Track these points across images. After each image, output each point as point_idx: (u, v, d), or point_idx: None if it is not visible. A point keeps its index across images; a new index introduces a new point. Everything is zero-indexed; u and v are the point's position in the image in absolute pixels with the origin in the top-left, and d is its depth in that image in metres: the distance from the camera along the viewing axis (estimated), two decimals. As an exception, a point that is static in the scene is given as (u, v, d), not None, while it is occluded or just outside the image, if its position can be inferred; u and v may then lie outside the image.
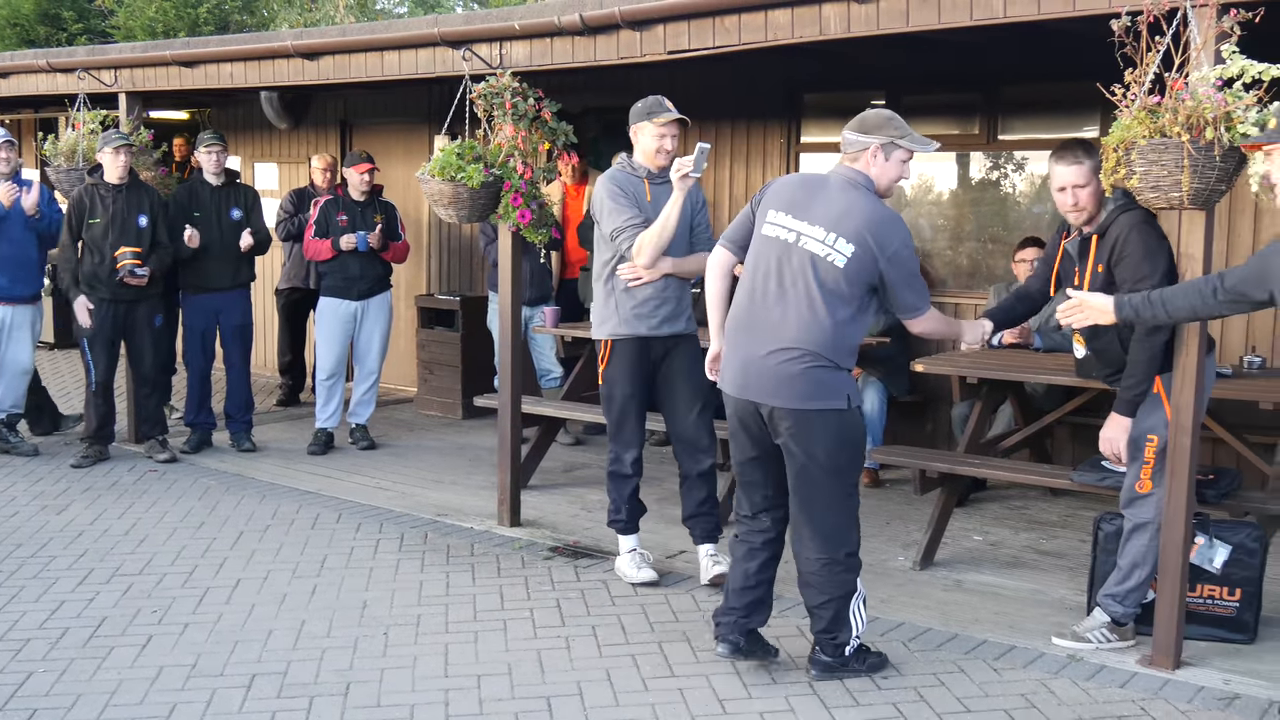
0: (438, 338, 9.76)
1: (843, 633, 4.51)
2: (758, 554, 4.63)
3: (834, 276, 4.30)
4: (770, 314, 4.38)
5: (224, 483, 7.53)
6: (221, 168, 8.30)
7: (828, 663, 4.56)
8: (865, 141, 4.41)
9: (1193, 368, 4.54)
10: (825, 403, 4.33)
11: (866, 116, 4.47)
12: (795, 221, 4.39)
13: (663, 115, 5.45)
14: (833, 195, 4.38)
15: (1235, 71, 4.12)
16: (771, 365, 4.35)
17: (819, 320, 4.31)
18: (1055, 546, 6.40)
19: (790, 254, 4.37)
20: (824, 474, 4.39)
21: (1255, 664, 4.76)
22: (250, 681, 4.56)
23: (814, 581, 4.49)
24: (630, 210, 5.44)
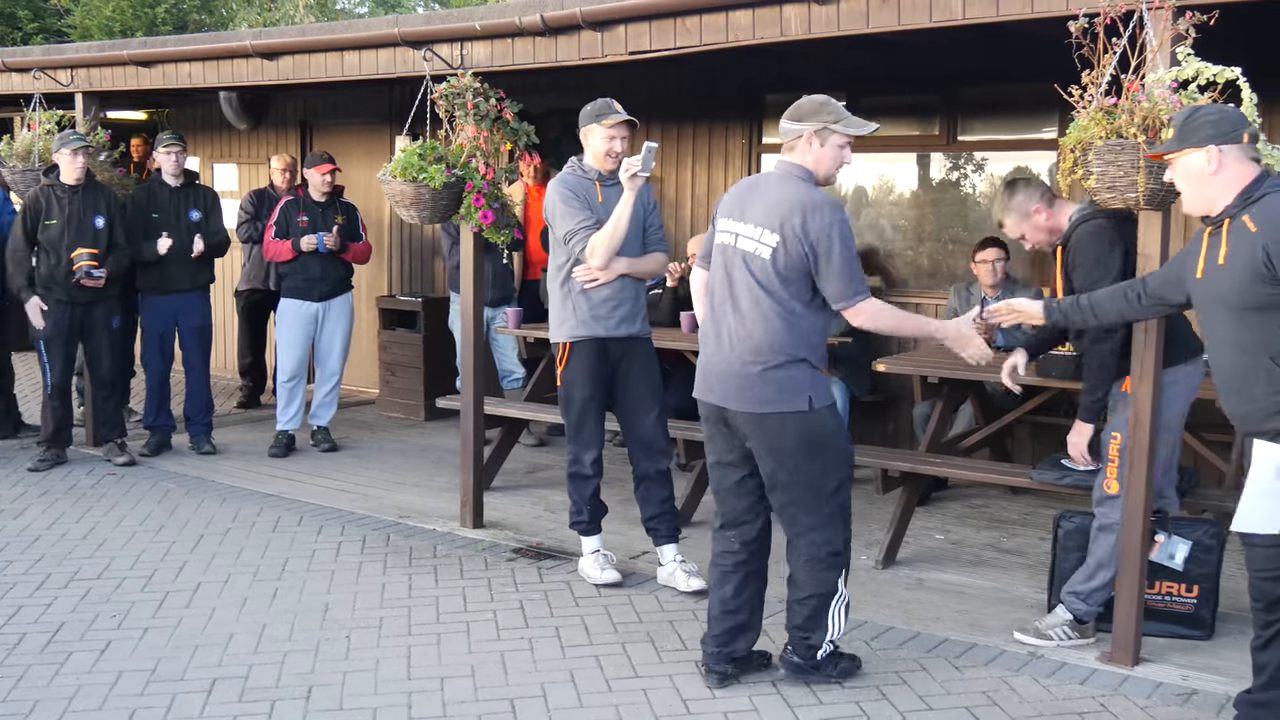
0: (399, 339, 9.73)
1: (817, 633, 4.44)
2: (730, 578, 4.53)
3: (765, 270, 4.23)
4: (726, 319, 4.35)
5: (184, 486, 7.47)
6: (181, 169, 8.24)
7: (798, 664, 4.50)
8: (798, 129, 4.32)
9: (1150, 366, 4.58)
10: (784, 405, 4.25)
11: (800, 104, 4.40)
12: (736, 224, 4.36)
13: (610, 117, 5.45)
14: (766, 191, 4.34)
15: (1190, 73, 4.16)
16: (730, 369, 4.32)
17: (766, 318, 4.24)
18: (1016, 544, 6.44)
19: (733, 257, 4.34)
20: (794, 477, 4.31)
21: (1213, 659, 4.81)
22: (211, 686, 4.52)
23: (798, 578, 4.43)
24: (582, 212, 5.44)
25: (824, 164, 4.35)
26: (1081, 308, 4.38)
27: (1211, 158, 3.72)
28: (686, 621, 5.21)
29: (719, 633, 4.54)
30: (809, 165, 4.34)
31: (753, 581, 4.55)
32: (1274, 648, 3.77)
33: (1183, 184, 3.85)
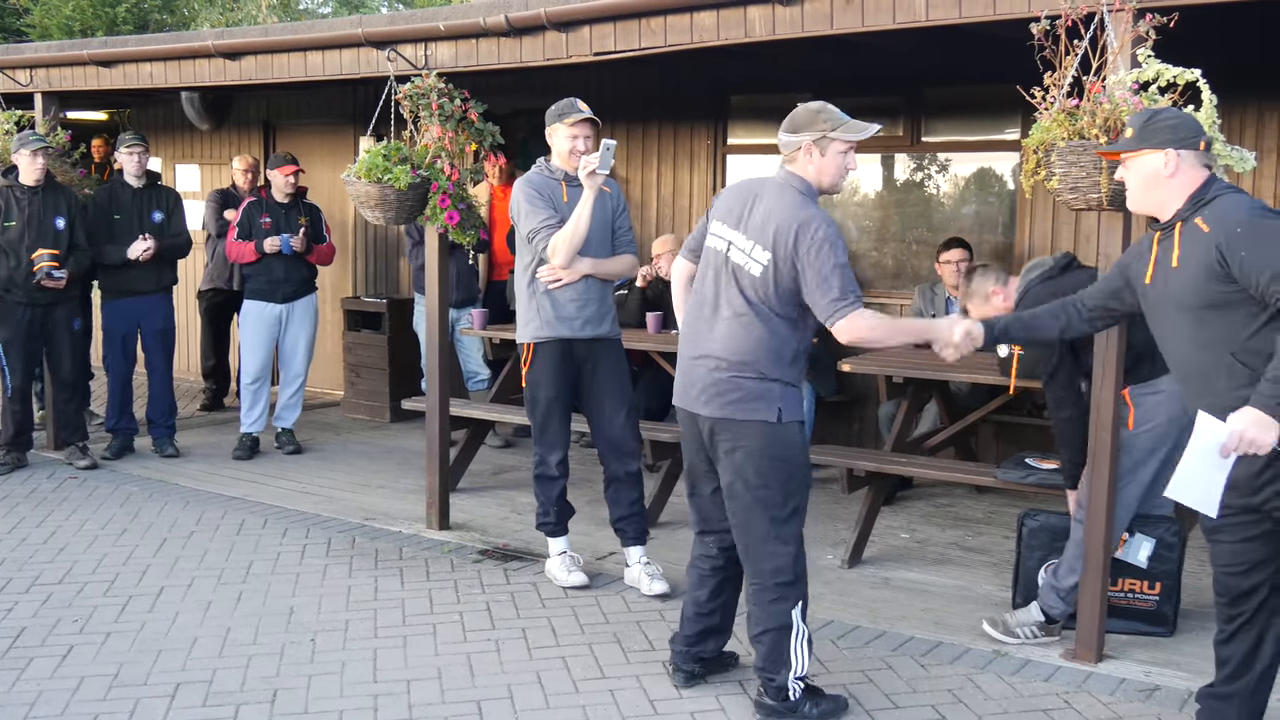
0: (364, 340, 9.69)
1: (781, 672, 4.20)
2: (706, 581, 4.49)
3: (754, 286, 4.12)
4: (705, 323, 4.26)
5: (147, 489, 7.42)
6: (143, 169, 8.18)
7: (772, 707, 4.25)
8: (796, 141, 4.17)
9: (1112, 365, 4.61)
10: (751, 413, 4.13)
11: (796, 114, 4.23)
12: (729, 231, 4.24)
13: (572, 116, 5.43)
14: (764, 202, 4.18)
15: (1151, 75, 4.19)
16: (701, 373, 4.24)
17: (747, 333, 4.13)
18: (980, 543, 6.48)
19: (723, 264, 4.23)
20: (750, 491, 4.17)
21: (1175, 655, 4.86)
22: (175, 691, 4.49)
23: (751, 609, 4.27)
24: (545, 211, 5.43)
25: (827, 174, 4.18)
26: (1025, 324, 4.32)
27: (1169, 160, 3.72)
28: (653, 622, 5.21)
29: (690, 634, 4.52)
30: (810, 177, 4.19)
31: (729, 587, 4.51)
32: (1237, 641, 3.82)
33: (1135, 183, 3.84)
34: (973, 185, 8.07)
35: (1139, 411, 4.80)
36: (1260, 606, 3.75)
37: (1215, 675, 3.93)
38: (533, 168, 5.65)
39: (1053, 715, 4.33)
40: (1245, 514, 3.69)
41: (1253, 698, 3.83)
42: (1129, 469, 4.82)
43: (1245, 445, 3.42)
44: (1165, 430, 4.81)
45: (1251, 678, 3.81)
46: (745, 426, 4.16)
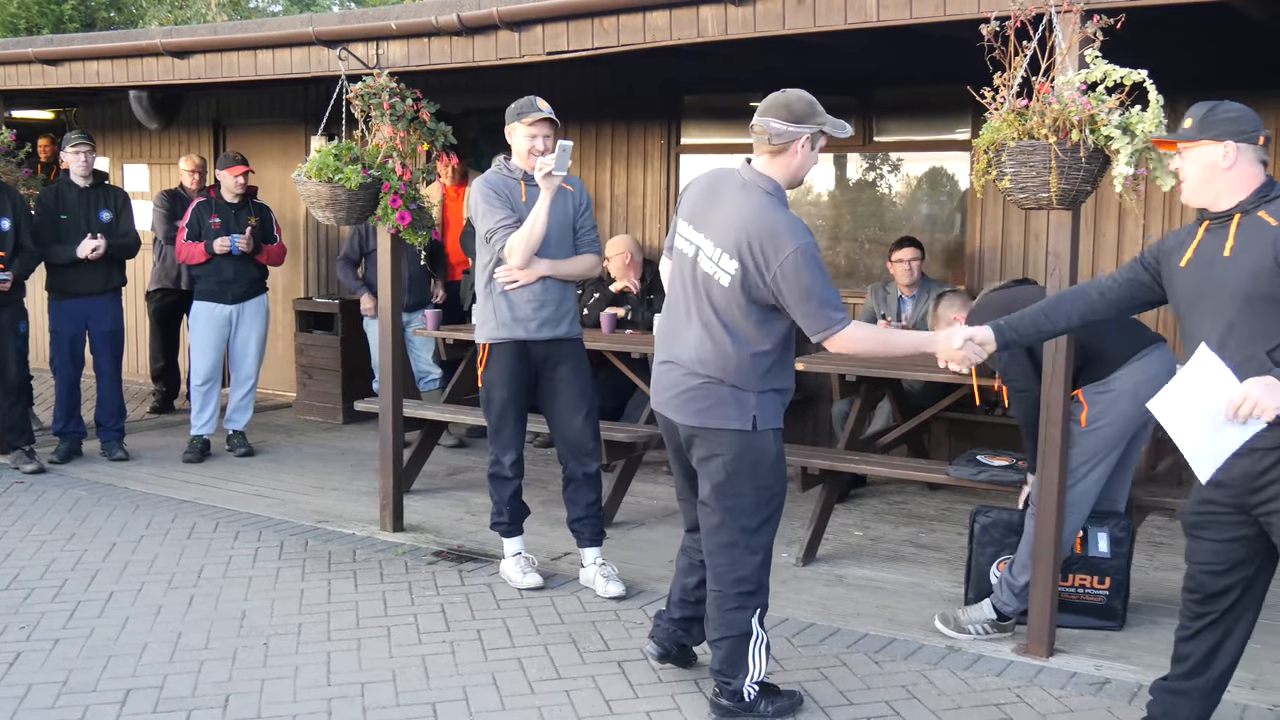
0: (316, 341, 9.62)
1: (738, 677, 4.16)
2: (696, 570, 4.42)
3: (724, 298, 3.97)
4: (678, 328, 4.14)
5: (95, 493, 7.33)
6: (90, 169, 8.08)
7: (728, 707, 4.21)
8: (797, 131, 3.97)
9: (1062, 364, 4.66)
10: (724, 421, 4.04)
11: (791, 102, 4.02)
12: (695, 234, 4.08)
13: (531, 115, 5.40)
14: (725, 203, 4.02)
15: (1098, 76, 4.24)
16: (674, 378, 4.14)
17: (717, 346, 4.01)
18: (933, 540, 6.53)
19: (691, 270, 4.08)
20: (721, 499, 4.09)
21: (1125, 649, 4.91)
22: (125, 697, 4.44)
23: (710, 613, 4.21)
24: (502, 211, 5.41)
25: (805, 169, 4.07)
26: (1035, 317, 4.14)
27: (1228, 152, 3.67)
28: (609, 622, 5.21)
29: (678, 617, 4.54)
30: (783, 174, 4.02)
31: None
32: (1200, 639, 3.82)
33: (1192, 174, 3.76)
34: (924, 185, 8.13)
35: (1091, 410, 4.85)
36: (1230, 608, 3.75)
37: (1171, 669, 3.91)
38: (492, 166, 5.62)
39: (1005, 709, 4.37)
40: (1235, 514, 3.67)
41: (1208, 697, 3.85)
42: (1081, 465, 4.87)
43: (1249, 404, 3.39)
44: (1118, 428, 4.86)
45: (1210, 677, 3.82)
46: (719, 435, 4.06)
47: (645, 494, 7.37)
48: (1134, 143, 4.18)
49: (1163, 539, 6.52)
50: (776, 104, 4.05)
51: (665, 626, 4.59)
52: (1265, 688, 4.54)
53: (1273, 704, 4.39)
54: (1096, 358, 4.85)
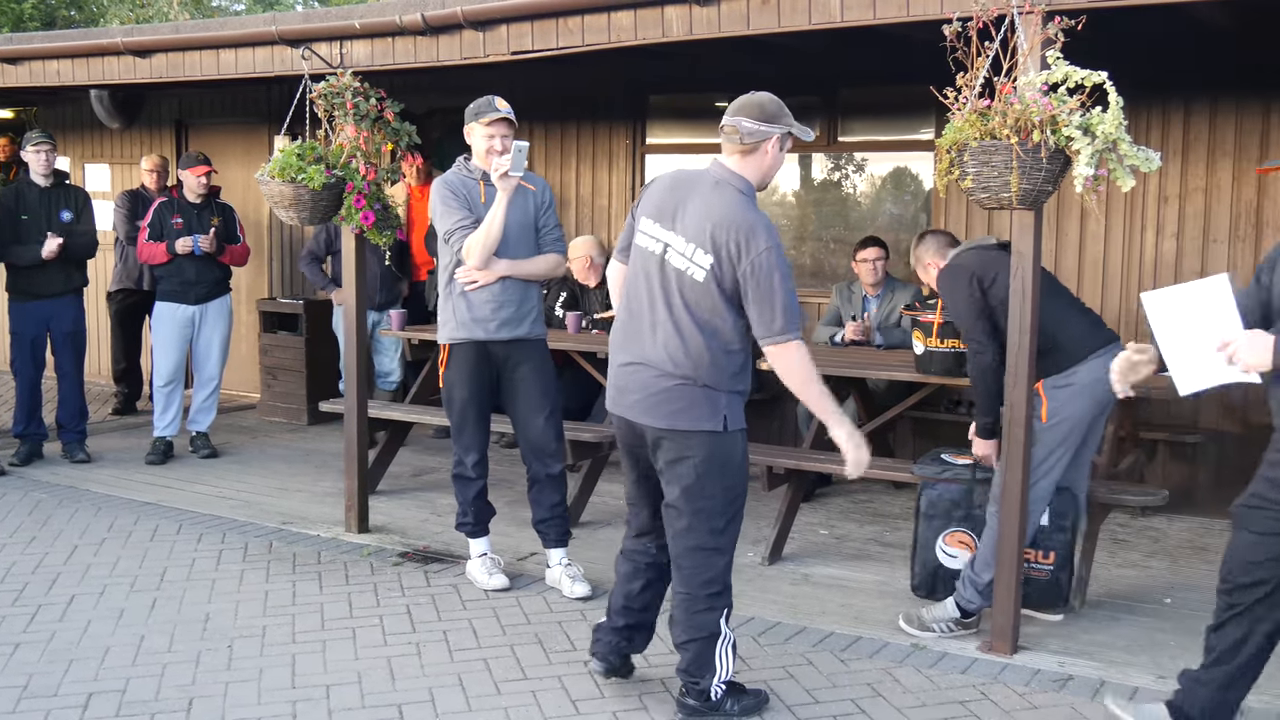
0: (281, 342, 9.58)
1: (705, 677, 4.17)
2: (640, 574, 4.37)
3: (697, 293, 3.96)
4: (643, 329, 4.09)
5: (56, 495, 7.27)
6: (50, 168, 8.00)
7: (694, 707, 4.23)
8: (768, 131, 4.02)
9: (1025, 365, 4.69)
10: (696, 423, 4.01)
11: (763, 103, 4.08)
12: (662, 231, 4.05)
13: (489, 115, 5.38)
14: (697, 200, 4.01)
15: (1060, 77, 4.27)
16: (641, 380, 4.08)
17: (688, 343, 3.99)
18: (898, 538, 6.56)
19: (658, 267, 4.05)
20: (691, 502, 4.07)
21: (1087, 646, 4.95)
22: (87, 701, 4.40)
23: (677, 615, 4.19)
24: (460, 212, 5.39)
25: (774, 170, 4.11)
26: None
27: None
28: (575, 622, 5.21)
29: (620, 626, 4.42)
30: (754, 174, 4.06)
31: (658, 583, 4.41)
32: (1226, 631, 3.84)
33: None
34: (889, 184, 8.17)
35: (1051, 404, 4.88)
36: (1258, 601, 3.77)
37: (1203, 659, 3.94)
38: (453, 166, 5.61)
39: (969, 706, 4.39)
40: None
41: (1226, 689, 3.86)
42: (1041, 462, 4.91)
43: (1232, 348, 3.51)
44: (1077, 422, 4.90)
45: (1231, 669, 3.84)
46: (691, 437, 4.03)
47: (611, 494, 7.36)
48: (1094, 144, 4.21)
49: (1125, 536, 6.58)
50: (748, 104, 4.09)
51: (608, 639, 4.46)
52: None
53: (1233, 699, 4.43)
54: (1060, 349, 4.88)
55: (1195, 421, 6.96)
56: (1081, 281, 7.16)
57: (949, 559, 5.24)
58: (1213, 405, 6.90)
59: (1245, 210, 6.77)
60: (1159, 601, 5.53)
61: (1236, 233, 6.80)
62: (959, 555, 5.19)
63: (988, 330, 4.91)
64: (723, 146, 4.12)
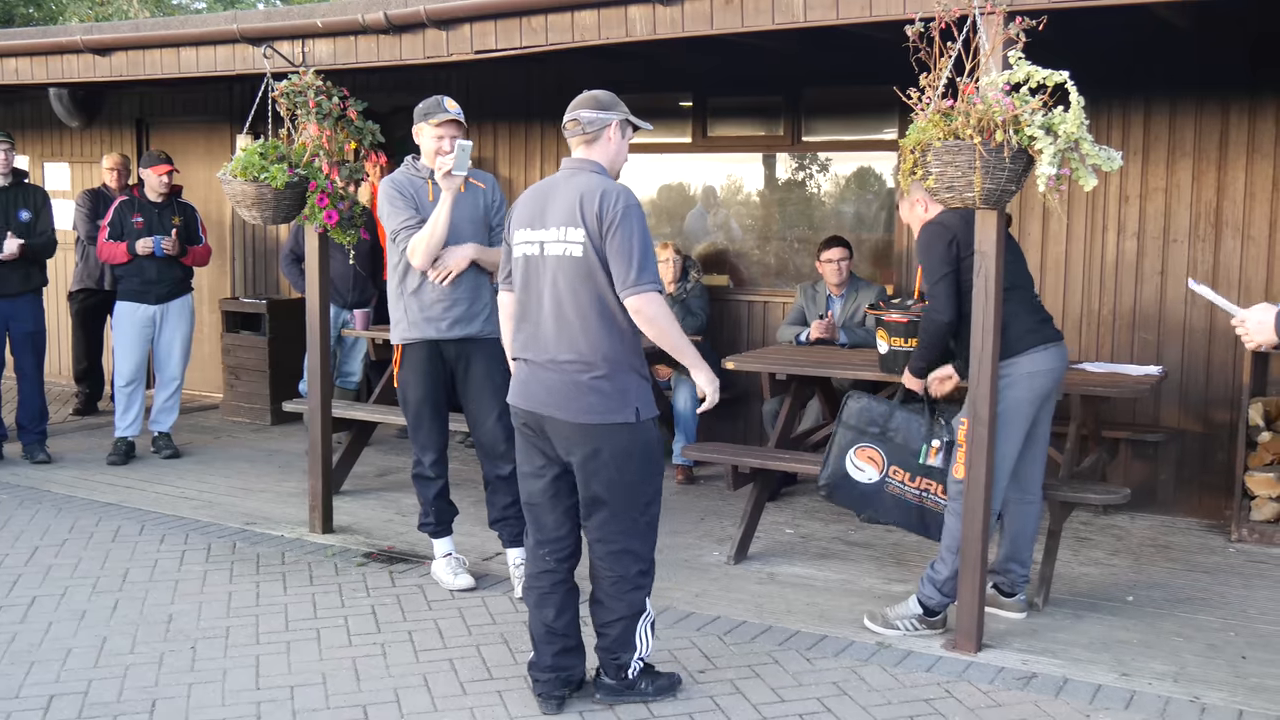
0: (244, 342, 9.51)
1: (625, 653, 4.28)
2: (549, 599, 4.32)
3: (579, 270, 4.08)
4: (541, 329, 4.18)
5: (16, 496, 7.19)
6: (9, 167, 7.93)
7: (611, 686, 4.35)
8: (606, 118, 4.25)
9: (988, 360, 4.71)
10: (609, 416, 4.10)
11: (597, 95, 4.33)
12: (534, 233, 4.21)
13: (438, 116, 5.35)
14: (558, 194, 4.18)
15: (1021, 77, 4.29)
16: (552, 378, 4.15)
17: (589, 325, 4.09)
18: (863, 537, 6.58)
19: (539, 265, 4.18)
20: (612, 490, 4.14)
21: (1051, 644, 4.99)
22: (48, 703, 4.36)
23: (603, 598, 4.27)
24: (406, 212, 5.37)
25: (621, 156, 4.33)
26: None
27: None
28: (541, 622, 5.20)
29: (551, 660, 4.33)
30: (605, 159, 4.27)
31: (570, 598, 4.36)
32: None
33: None
34: (852, 184, 8.19)
35: None
36: None
37: None
38: (400, 166, 5.59)
39: (934, 704, 4.42)
40: None
41: None
42: None
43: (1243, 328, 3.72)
44: (1013, 413, 4.91)
45: None
46: (609, 430, 4.11)
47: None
48: (1057, 143, 4.24)
49: (1087, 534, 6.63)
50: (584, 99, 4.34)
51: (547, 678, 4.34)
52: (1188, 680, 4.63)
53: (1194, 695, 4.48)
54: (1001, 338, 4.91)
55: (1157, 420, 7.02)
56: (1043, 280, 7.21)
57: (856, 471, 5.32)
58: (1174, 404, 6.96)
59: (1205, 210, 6.83)
60: (1121, 600, 5.57)
61: (1196, 233, 6.86)
62: (866, 470, 5.23)
63: (951, 293, 4.92)
64: (570, 142, 4.33)
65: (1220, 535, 6.58)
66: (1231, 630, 5.17)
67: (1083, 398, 5.74)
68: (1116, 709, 4.36)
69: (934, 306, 4.98)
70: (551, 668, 4.34)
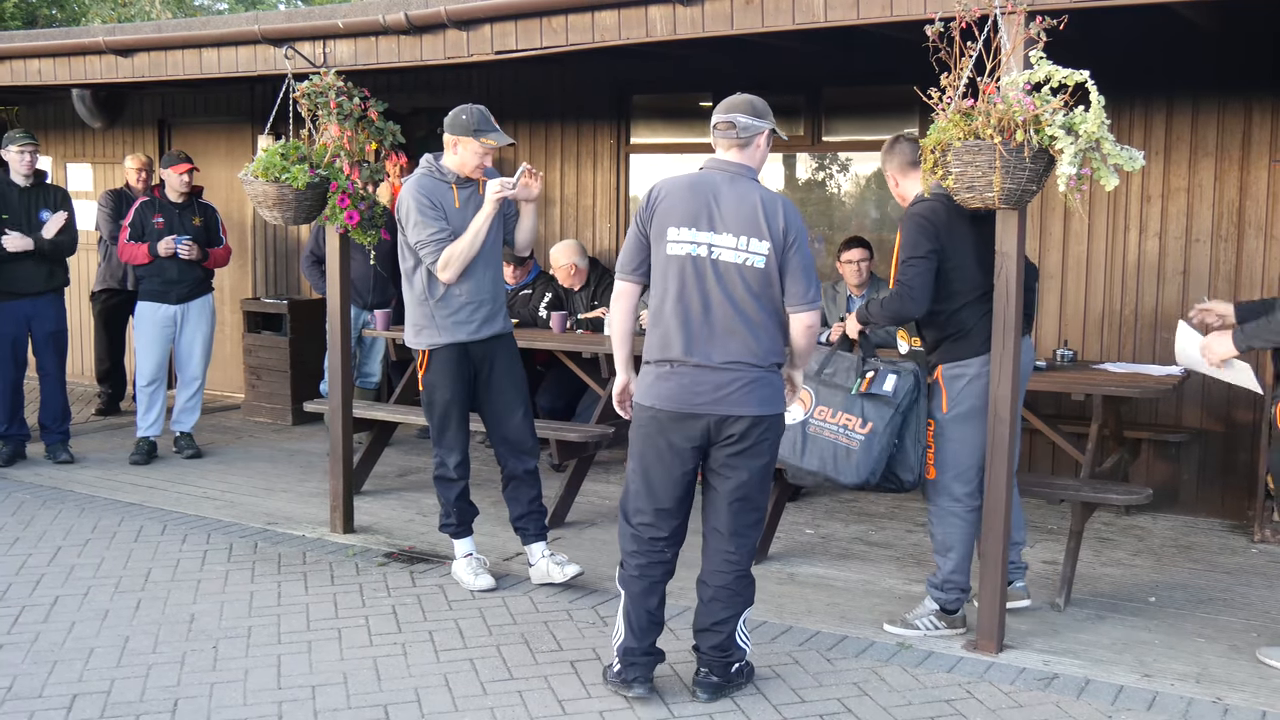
0: (265, 342, 9.55)
1: (734, 651, 4.41)
2: (658, 589, 4.39)
3: (761, 280, 4.19)
4: (706, 330, 4.19)
5: (39, 496, 7.24)
6: (33, 169, 7.97)
7: (717, 684, 4.42)
8: (760, 125, 4.30)
9: (1009, 359, 4.70)
10: (777, 407, 4.31)
11: (754, 101, 4.36)
12: (699, 234, 4.19)
13: (492, 136, 5.37)
14: (728, 196, 4.21)
15: (1042, 76, 4.28)
16: (722, 378, 4.19)
17: (762, 327, 4.21)
18: (883, 537, 6.57)
19: (710, 269, 4.19)
20: (758, 481, 4.31)
21: (1073, 645, 4.97)
22: (71, 702, 4.39)
23: (723, 596, 4.34)
24: (438, 224, 5.34)
25: (763, 162, 4.42)
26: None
27: None
28: (561, 622, 5.21)
29: (648, 646, 4.40)
30: (754, 165, 4.33)
31: (665, 582, 4.44)
32: None
33: None
34: (873, 184, 8.18)
35: (949, 394, 4.93)
36: None
37: None
38: (421, 166, 5.55)
39: (955, 705, 4.41)
40: None
41: None
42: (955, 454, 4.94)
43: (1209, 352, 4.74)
44: (978, 408, 4.89)
45: None
46: (775, 420, 4.32)
47: (597, 494, 7.37)
48: (1078, 143, 4.23)
49: (1109, 535, 6.61)
50: (740, 102, 4.36)
51: (643, 661, 4.40)
52: (1210, 681, 4.61)
53: (1217, 696, 4.46)
54: (964, 336, 4.89)
55: (1179, 420, 6.99)
56: (1065, 280, 7.18)
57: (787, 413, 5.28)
58: (1196, 404, 6.93)
59: (1227, 210, 6.80)
60: (1143, 600, 5.55)
61: (1219, 232, 6.82)
62: (794, 410, 5.12)
63: (928, 285, 4.85)
64: (718, 143, 4.34)
65: (1243, 536, 6.54)
66: (1254, 631, 5.15)
67: (1104, 398, 5.71)
68: (1139, 710, 4.34)
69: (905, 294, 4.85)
70: (648, 652, 4.43)
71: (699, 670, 4.46)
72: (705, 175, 4.30)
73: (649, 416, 4.31)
